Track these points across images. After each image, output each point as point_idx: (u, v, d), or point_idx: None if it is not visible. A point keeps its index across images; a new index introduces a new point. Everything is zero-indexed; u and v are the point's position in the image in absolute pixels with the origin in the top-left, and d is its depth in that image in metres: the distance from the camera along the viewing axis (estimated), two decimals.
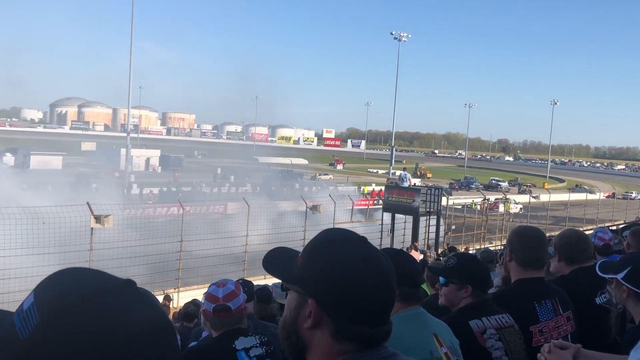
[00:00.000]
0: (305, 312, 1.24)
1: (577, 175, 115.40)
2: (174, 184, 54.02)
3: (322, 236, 1.33)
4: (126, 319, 0.86)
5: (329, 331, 1.22)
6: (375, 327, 1.23)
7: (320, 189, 52.29)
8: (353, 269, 1.23)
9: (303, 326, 1.25)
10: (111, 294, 0.88)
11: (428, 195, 25.13)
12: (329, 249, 1.27)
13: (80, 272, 0.93)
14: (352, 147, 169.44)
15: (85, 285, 0.89)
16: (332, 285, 1.22)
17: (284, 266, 1.35)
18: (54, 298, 0.87)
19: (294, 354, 1.31)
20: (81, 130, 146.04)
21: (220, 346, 2.96)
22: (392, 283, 1.28)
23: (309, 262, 1.27)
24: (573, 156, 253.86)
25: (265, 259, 1.41)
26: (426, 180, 77.39)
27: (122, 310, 0.86)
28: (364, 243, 1.30)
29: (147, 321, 0.88)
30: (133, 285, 0.93)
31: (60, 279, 0.91)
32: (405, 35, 67.72)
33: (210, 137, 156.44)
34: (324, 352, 1.24)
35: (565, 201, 40.59)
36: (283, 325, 1.32)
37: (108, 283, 0.91)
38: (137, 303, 0.89)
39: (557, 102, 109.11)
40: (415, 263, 2.68)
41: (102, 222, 17.29)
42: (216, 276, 11.45)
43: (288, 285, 1.32)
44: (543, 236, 3.25)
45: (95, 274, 0.93)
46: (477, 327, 2.75)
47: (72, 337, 0.82)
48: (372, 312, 1.23)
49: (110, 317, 0.85)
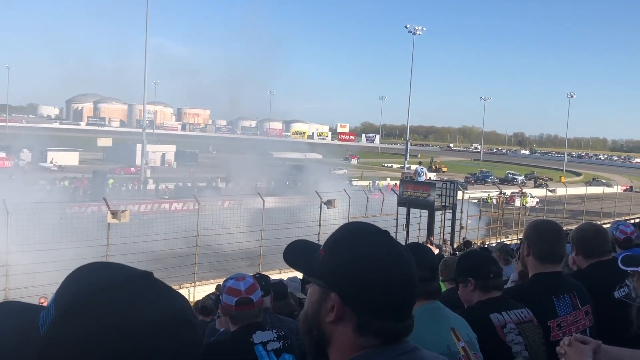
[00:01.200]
0: (328, 306, 1.23)
1: (594, 169, 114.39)
2: (190, 179, 54.28)
3: (345, 230, 1.33)
4: (141, 311, 0.86)
5: (352, 325, 1.22)
6: (398, 322, 1.23)
7: (334, 184, 52.26)
8: (377, 263, 1.22)
9: (325, 320, 1.24)
10: (126, 287, 0.87)
11: (443, 189, 25.04)
12: (352, 243, 1.26)
13: (98, 266, 0.94)
14: (366, 142, 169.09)
15: (100, 279, 0.89)
16: (356, 279, 1.21)
17: (305, 259, 1.34)
18: (67, 294, 0.88)
19: (315, 348, 1.30)
20: (97, 126, 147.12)
21: (238, 340, 2.98)
22: (415, 277, 1.28)
23: (332, 256, 1.26)
24: (590, 149, 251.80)
25: (286, 251, 1.41)
26: (441, 174, 77.08)
27: (137, 303, 0.86)
28: (387, 237, 1.30)
29: (163, 313, 0.87)
30: (150, 277, 0.93)
31: (78, 275, 0.92)
32: (420, 28, 67.37)
33: (224, 132, 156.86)
34: (345, 346, 1.23)
35: (582, 195, 40.29)
36: (304, 319, 1.31)
37: (123, 276, 0.90)
38: (154, 295, 0.89)
39: (574, 94, 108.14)
40: (433, 257, 2.68)
41: (118, 217, 17.43)
42: (232, 270, 11.50)
43: (310, 278, 1.31)
44: (560, 230, 3.23)
45: (113, 268, 0.93)
46: (498, 321, 2.75)
47: (84, 332, 0.83)
48: (396, 307, 1.23)
49: (123, 311, 0.84)
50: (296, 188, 46.81)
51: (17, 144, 71.10)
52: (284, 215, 22.34)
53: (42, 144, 71.12)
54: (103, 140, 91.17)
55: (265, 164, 62.84)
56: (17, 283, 16.01)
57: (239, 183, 52.88)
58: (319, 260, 1.29)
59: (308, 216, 22.27)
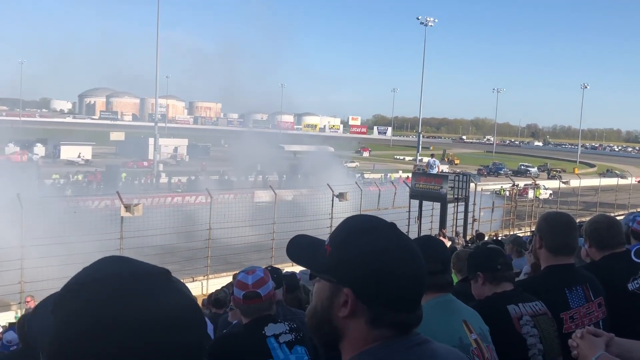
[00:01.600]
0: (340, 301, 1.24)
1: (608, 160, 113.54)
2: (202, 172, 54.47)
3: (352, 224, 1.32)
4: (146, 306, 0.86)
5: (365, 319, 1.23)
6: (411, 313, 1.24)
7: (346, 177, 52.25)
8: (388, 256, 1.23)
9: (337, 315, 1.25)
10: (135, 281, 0.88)
11: (456, 181, 24.95)
12: (361, 237, 1.26)
13: (109, 260, 0.94)
14: (378, 134, 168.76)
15: (104, 272, 0.90)
16: (368, 273, 1.22)
17: (311, 255, 1.34)
18: (67, 286, 0.90)
19: (327, 343, 1.32)
20: (110, 120, 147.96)
21: (250, 333, 2.99)
22: (424, 267, 1.29)
23: (341, 251, 1.26)
24: (604, 140, 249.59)
25: (289, 247, 1.40)
26: (454, 166, 76.82)
27: (143, 298, 0.86)
28: (395, 229, 1.31)
29: (169, 309, 0.87)
30: (164, 274, 0.93)
31: (88, 268, 0.92)
32: (432, 20, 66.95)
33: (236, 125, 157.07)
34: (358, 340, 1.24)
35: (595, 186, 40.00)
36: (313, 314, 1.31)
37: (139, 270, 0.91)
38: (162, 291, 0.89)
39: (588, 85, 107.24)
40: (445, 249, 2.68)
41: (131, 211, 17.53)
42: (244, 264, 11.56)
43: (320, 275, 1.31)
44: (572, 222, 3.21)
45: (124, 262, 0.93)
46: (515, 313, 2.75)
47: (85, 320, 0.83)
48: (408, 298, 1.24)
49: (128, 304, 0.85)
50: (308, 181, 46.83)
51: (30, 138, 71.64)
52: (295, 208, 22.38)
53: (55, 138, 71.62)
54: (115, 134, 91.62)
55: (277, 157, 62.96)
56: (30, 276, 16.16)
57: (251, 176, 53.04)
58: (325, 256, 1.29)
59: (320, 209, 22.28)
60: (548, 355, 2.72)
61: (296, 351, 3.00)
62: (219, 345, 3.04)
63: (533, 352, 2.69)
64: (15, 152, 63.31)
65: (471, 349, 2.30)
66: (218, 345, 3.05)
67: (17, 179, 28.03)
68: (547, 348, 2.72)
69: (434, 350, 1.27)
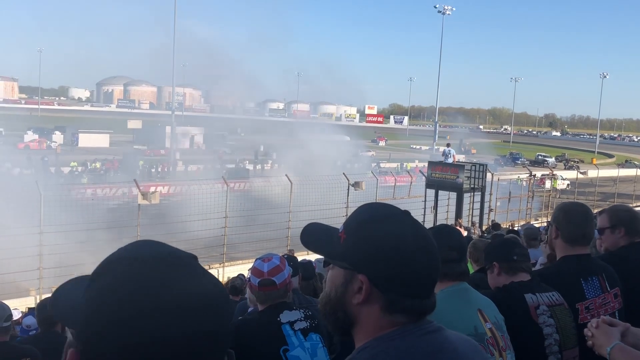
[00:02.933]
0: (354, 288, 1.25)
1: (627, 151, 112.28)
2: (218, 161, 54.66)
3: (366, 211, 1.33)
4: (180, 287, 0.87)
5: (380, 305, 1.24)
6: (424, 299, 1.26)
7: (362, 166, 52.22)
8: (403, 243, 1.24)
9: (352, 302, 1.26)
10: (155, 264, 0.89)
11: (472, 171, 24.81)
12: (376, 223, 1.28)
13: (144, 242, 0.96)
14: (394, 123, 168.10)
15: (134, 254, 0.91)
16: (384, 260, 1.23)
17: (325, 242, 1.35)
18: (103, 263, 0.92)
19: (340, 329, 1.32)
20: (127, 108, 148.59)
21: (265, 319, 3.01)
22: (438, 254, 1.30)
23: (356, 238, 1.27)
24: (623, 131, 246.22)
25: (303, 235, 1.42)
26: (471, 156, 76.43)
27: (175, 281, 0.87)
28: (409, 217, 1.32)
29: (202, 293, 0.88)
30: (194, 258, 0.95)
31: (123, 249, 0.94)
32: (450, 8, 66.45)
33: (252, 114, 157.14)
34: (372, 326, 1.25)
35: (614, 177, 39.59)
36: (327, 302, 1.32)
37: (166, 252, 0.92)
38: (194, 275, 0.90)
39: (607, 75, 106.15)
40: (462, 238, 2.68)
41: (148, 199, 17.67)
42: (260, 252, 11.60)
43: (335, 262, 1.31)
44: (588, 212, 3.19)
45: (159, 245, 0.95)
46: (532, 301, 2.75)
47: (114, 304, 0.84)
48: (422, 285, 1.26)
49: (151, 288, 0.85)
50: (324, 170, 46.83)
51: (48, 126, 72.24)
52: (311, 196, 22.37)
53: (73, 126, 72.18)
54: (133, 123, 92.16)
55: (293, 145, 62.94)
56: (50, 263, 16.36)
57: (267, 164, 53.12)
58: (340, 242, 1.30)
59: (335, 198, 22.26)
60: (564, 346, 2.71)
61: (311, 338, 3.02)
62: (234, 331, 3.07)
63: (549, 342, 2.69)
64: (34, 140, 63.98)
65: (486, 338, 2.31)
66: (233, 331, 3.07)
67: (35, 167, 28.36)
68: (563, 338, 2.72)
69: (447, 337, 1.27)
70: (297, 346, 2.97)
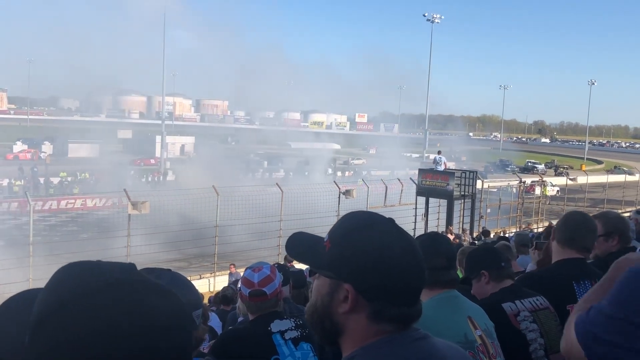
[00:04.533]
0: (340, 297, 1.25)
1: (616, 157, 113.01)
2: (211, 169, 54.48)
3: (351, 219, 1.33)
4: (117, 318, 0.82)
5: (366, 314, 1.23)
6: (411, 307, 1.25)
7: (353, 174, 52.28)
8: (388, 251, 1.23)
9: (338, 311, 1.25)
10: (104, 293, 0.83)
11: (462, 178, 24.90)
12: (361, 232, 1.27)
13: (77, 269, 0.90)
14: (385, 131, 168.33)
15: (76, 285, 0.85)
16: (369, 269, 1.22)
17: (311, 252, 1.34)
18: (40, 302, 0.85)
19: (328, 339, 1.32)
20: (117, 118, 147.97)
21: (256, 329, 3.00)
22: (423, 261, 1.30)
23: (341, 247, 1.27)
24: (611, 137, 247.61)
25: (289, 245, 1.40)
26: (461, 163, 76.67)
27: (115, 310, 0.82)
28: (394, 225, 1.31)
29: (143, 319, 0.83)
30: (132, 280, 0.88)
31: (55, 279, 0.88)
32: (439, 17, 66.87)
33: (243, 123, 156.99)
34: (359, 335, 1.25)
35: (603, 183, 39.86)
36: (314, 311, 1.31)
37: (102, 280, 0.85)
38: (134, 301, 0.85)
39: (595, 82, 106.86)
40: (451, 246, 2.69)
41: (139, 208, 17.60)
42: (251, 260, 11.58)
43: (320, 271, 1.31)
44: (588, 220, 3.25)
45: (93, 270, 0.88)
46: (511, 310, 2.77)
47: (53, 343, 0.80)
48: (408, 293, 1.25)
49: (96, 319, 0.81)
50: (314, 178, 46.84)
51: (38, 137, 71.89)
52: (301, 205, 22.36)
53: (62, 136, 71.86)
54: (123, 132, 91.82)
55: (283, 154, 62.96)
56: (39, 275, 16.24)
57: (258, 173, 53.06)
58: (325, 251, 1.29)
59: (326, 206, 22.27)
60: (551, 349, 2.73)
61: (302, 348, 3.01)
62: (224, 341, 3.06)
63: (534, 347, 2.71)
64: (23, 150, 63.61)
65: (476, 345, 2.31)
66: (224, 341, 3.06)
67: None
68: (549, 342, 2.74)
69: (434, 345, 1.27)
70: (288, 355, 2.95)
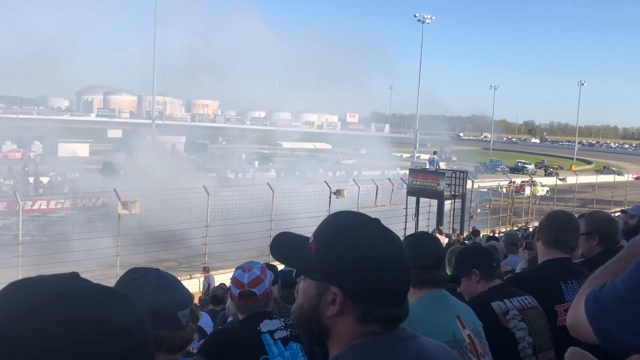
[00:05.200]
0: (327, 300, 1.23)
1: (605, 157, 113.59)
2: (199, 169, 54.34)
3: (336, 221, 1.31)
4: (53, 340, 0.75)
5: (354, 316, 1.23)
6: (398, 307, 1.25)
7: (344, 174, 52.29)
8: (375, 253, 1.23)
9: (326, 314, 1.24)
10: (37, 315, 0.76)
11: (453, 178, 25.00)
12: (347, 234, 1.26)
13: (12, 288, 0.82)
14: (375, 131, 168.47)
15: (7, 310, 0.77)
16: (357, 272, 1.21)
17: (297, 254, 1.33)
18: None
19: (315, 340, 1.31)
20: (107, 117, 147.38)
21: (245, 329, 3.00)
22: (409, 261, 1.29)
23: (328, 250, 1.25)
24: (601, 137, 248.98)
25: (273, 247, 1.38)
26: (451, 163, 76.86)
27: (50, 332, 0.75)
28: (380, 225, 1.30)
29: (82, 336, 0.76)
30: (71, 295, 0.80)
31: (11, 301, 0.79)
32: (429, 17, 67.07)
33: (234, 122, 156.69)
34: (347, 337, 1.24)
35: (592, 183, 40.06)
36: (301, 313, 1.30)
37: (34, 301, 0.77)
38: (74, 318, 0.77)
39: (585, 82, 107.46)
40: (439, 246, 2.69)
41: (129, 208, 17.53)
42: (241, 260, 11.54)
43: (307, 275, 1.30)
44: (572, 220, 3.27)
45: (27, 290, 0.80)
46: (500, 309, 2.78)
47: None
48: (396, 293, 1.25)
49: (33, 344, 0.74)
50: (305, 178, 46.86)
51: (28, 136, 71.46)
52: (293, 205, 22.35)
53: (52, 135, 71.49)
54: (113, 132, 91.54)
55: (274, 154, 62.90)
56: (28, 274, 16.13)
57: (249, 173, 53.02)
58: (311, 254, 1.28)
59: (317, 206, 22.27)
60: (539, 348, 2.74)
61: (291, 347, 3.01)
62: (214, 341, 3.06)
63: (523, 345, 2.72)
64: (13, 150, 63.22)
65: (464, 345, 2.32)
66: (213, 341, 3.06)
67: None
68: (537, 341, 2.75)
69: (421, 344, 1.27)
70: (277, 355, 2.95)
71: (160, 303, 1.69)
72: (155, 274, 1.79)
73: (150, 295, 1.68)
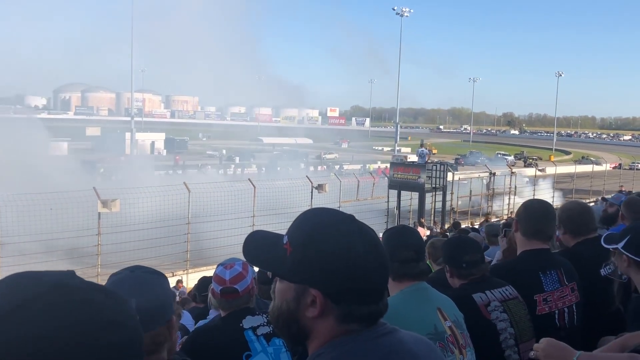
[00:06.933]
0: (307, 302, 1.20)
1: (584, 147, 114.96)
2: (180, 166, 54.13)
3: (310, 220, 1.27)
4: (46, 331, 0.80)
5: (334, 316, 1.20)
6: (378, 303, 1.23)
7: (325, 168, 52.41)
8: (353, 252, 1.20)
9: (305, 315, 1.22)
10: (31, 306, 0.81)
11: (433, 171, 25.11)
12: (323, 234, 1.22)
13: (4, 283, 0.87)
14: (356, 125, 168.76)
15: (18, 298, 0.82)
16: (336, 273, 1.18)
17: (272, 258, 1.27)
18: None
19: (295, 341, 1.29)
20: (85, 115, 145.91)
21: (228, 325, 2.99)
22: (386, 256, 1.27)
23: (303, 251, 1.22)
24: (579, 128, 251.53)
25: (245, 249, 1.33)
26: (431, 156, 77.18)
27: (44, 322, 0.80)
28: (354, 222, 1.27)
29: (73, 331, 0.81)
30: (65, 287, 0.86)
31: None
32: (407, 10, 67.21)
33: (214, 118, 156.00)
34: (326, 337, 1.22)
35: (571, 173, 40.47)
36: (279, 315, 1.26)
37: (30, 293, 0.83)
38: (64, 312, 0.82)
39: (562, 73, 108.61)
40: (419, 239, 2.70)
41: (109, 207, 17.38)
42: (223, 257, 11.48)
43: (285, 278, 1.25)
44: (549, 209, 3.28)
45: (20, 284, 0.86)
46: (481, 300, 2.79)
47: None
48: (375, 291, 1.23)
49: (28, 332, 0.79)
50: (287, 173, 46.82)
51: None
52: (274, 200, 22.29)
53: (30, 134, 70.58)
54: (91, 130, 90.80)
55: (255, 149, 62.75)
56: (5, 274, 15.93)
57: (230, 169, 52.84)
58: (286, 256, 1.24)
59: (299, 201, 22.25)
60: (520, 339, 2.77)
61: (274, 343, 3.00)
62: (196, 338, 3.04)
63: (504, 336, 2.74)
64: None
65: (446, 336, 2.33)
66: (195, 338, 3.05)
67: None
68: (519, 332, 2.77)
69: (401, 338, 1.25)
70: (260, 351, 2.95)
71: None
72: (133, 274, 1.77)
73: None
